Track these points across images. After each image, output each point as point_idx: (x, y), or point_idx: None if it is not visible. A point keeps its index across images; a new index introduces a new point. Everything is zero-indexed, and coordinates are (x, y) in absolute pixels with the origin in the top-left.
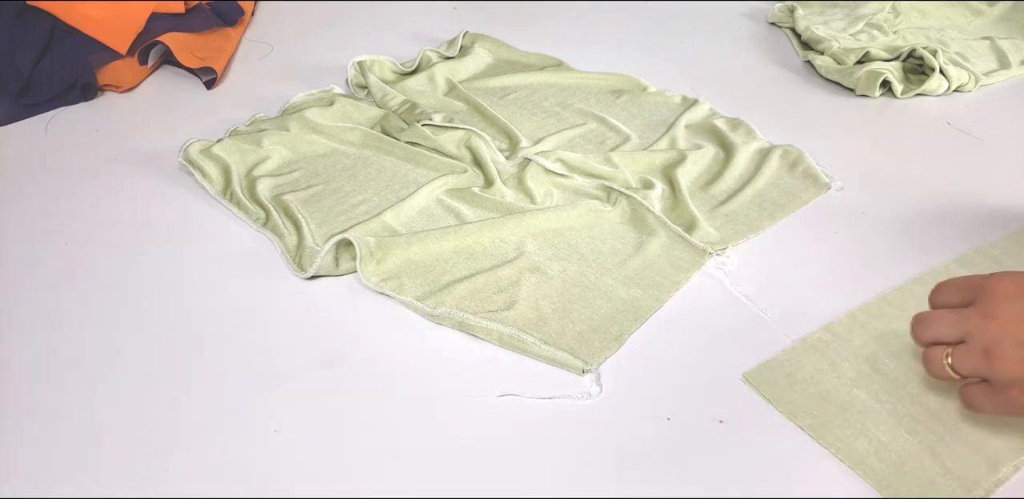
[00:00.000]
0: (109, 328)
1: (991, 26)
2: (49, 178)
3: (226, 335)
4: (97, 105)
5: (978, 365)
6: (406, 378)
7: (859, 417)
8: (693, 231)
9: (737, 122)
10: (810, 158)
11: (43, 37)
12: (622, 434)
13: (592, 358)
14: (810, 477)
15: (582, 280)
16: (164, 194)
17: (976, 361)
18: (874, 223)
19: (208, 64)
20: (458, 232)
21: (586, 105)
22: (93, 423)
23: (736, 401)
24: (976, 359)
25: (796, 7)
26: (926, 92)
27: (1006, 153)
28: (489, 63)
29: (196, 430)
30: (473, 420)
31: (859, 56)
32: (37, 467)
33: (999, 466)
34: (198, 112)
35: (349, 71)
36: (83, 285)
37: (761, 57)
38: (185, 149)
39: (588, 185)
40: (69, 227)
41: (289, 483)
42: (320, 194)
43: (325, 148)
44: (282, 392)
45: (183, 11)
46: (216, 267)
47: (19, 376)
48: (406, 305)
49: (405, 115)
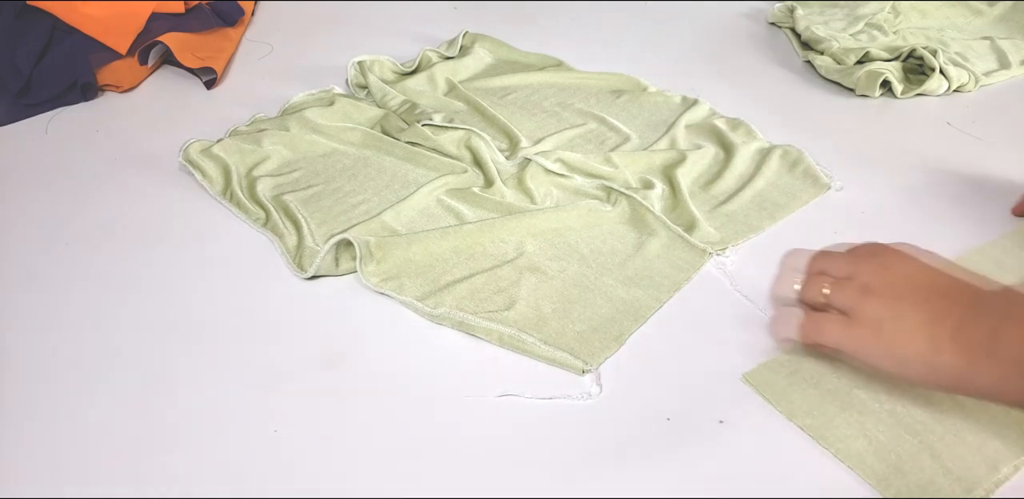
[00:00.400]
0: (109, 328)
1: (991, 26)
2: (49, 178)
3: (226, 335)
4: (97, 105)
5: (852, 298)
6: (406, 378)
7: (859, 417)
8: (693, 231)
9: (737, 122)
10: (810, 158)
11: (43, 37)
12: (622, 434)
13: (592, 358)
14: (810, 477)
15: (582, 280)
16: (164, 194)
17: (852, 295)
18: (874, 223)
19: (208, 64)
20: (458, 232)
21: (586, 105)
22: (93, 423)
23: (736, 401)
24: (854, 293)
25: (796, 7)
26: (926, 92)
27: (1006, 153)
28: (489, 63)
29: (196, 430)
30: (473, 420)
31: (859, 56)
32: (37, 467)
33: (999, 466)
34: (198, 112)
35: (349, 71)
36: (83, 285)
37: (761, 57)
38: (185, 149)
39: (588, 185)
40: (69, 227)
41: (289, 483)
42: (320, 194)
43: (325, 148)
44: (282, 392)
45: (183, 11)
46: (216, 267)
47: (19, 376)
48: (406, 305)
49: (405, 115)
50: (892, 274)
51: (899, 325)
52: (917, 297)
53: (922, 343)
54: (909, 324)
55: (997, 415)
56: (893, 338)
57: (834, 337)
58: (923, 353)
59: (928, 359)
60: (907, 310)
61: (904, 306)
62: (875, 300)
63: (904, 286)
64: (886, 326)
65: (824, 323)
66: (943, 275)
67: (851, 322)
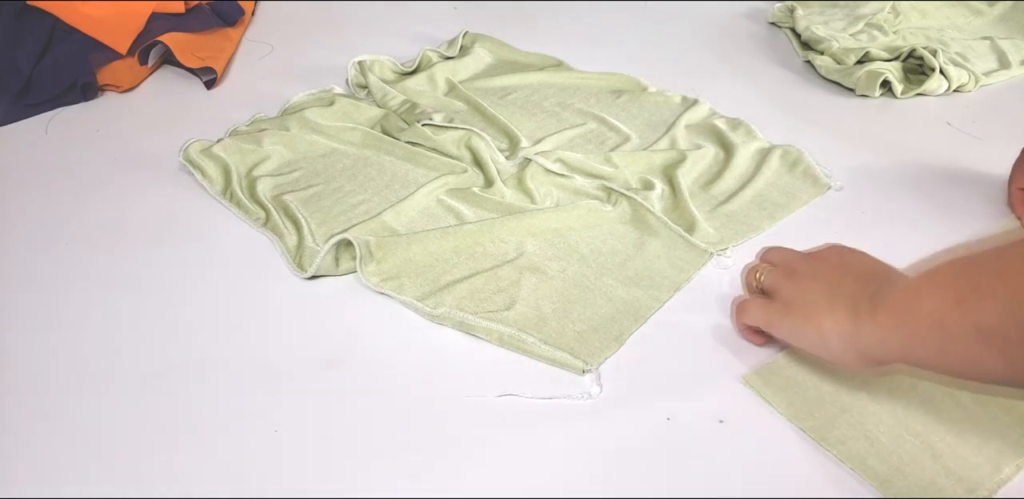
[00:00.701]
0: (109, 328)
1: (991, 26)
2: (49, 178)
3: (226, 335)
4: (97, 105)
5: (777, 280)
6: (406, 378)
7: (860, 418)
8: (693, 231)
9: (737, 122)
10: (810, 158)
11: (43, 37)
12: (622, 434)
13: (592, 358)
14: (810, 478)
15: (582, 280)
16: (164, 194)
17: (778, 278)
18: (874, 223)
19: (208, 64)
20: (458, 232)
21: (586, 105)
22: (93, 423)
23: (736, 401)
24: (779, 276)
25: (796, 7)
26: (926, 92)
27: (1006, 153)
28: (489, 63)
29: (196, 430)
30: (473, 420)
31: (859, 56)
32: (37, 467)
33: (1001, 467)
34: (198, 112)
35: (349, 71)
36: (83, 285)
37: (761, 57)
38: (185, 149)
39: (588, 185)
40: (69, 227)
41: (289, 483)
42: (320, 194)
43: (325, 148)
44: (282, 392)
45: (183, 11)
46: (216, 267)
47: (19, 376)
48: (406, 305)
49: (405, 115)
50: (817, 260)
51: (806, 300)
52: (829, 276)
53: (821, 314)
54: (812, 297)
55: (998, 415)
56: (801, 312)
57: (754, 317)
58: (819, 323)
59: (820, 325)
60: (814, 287)
61: (814, 284)
62: (794, 281)
63: (823, 269)
64: (796, 303)
65: (748, 305)
66: (860, 258)
67: (769, 302)
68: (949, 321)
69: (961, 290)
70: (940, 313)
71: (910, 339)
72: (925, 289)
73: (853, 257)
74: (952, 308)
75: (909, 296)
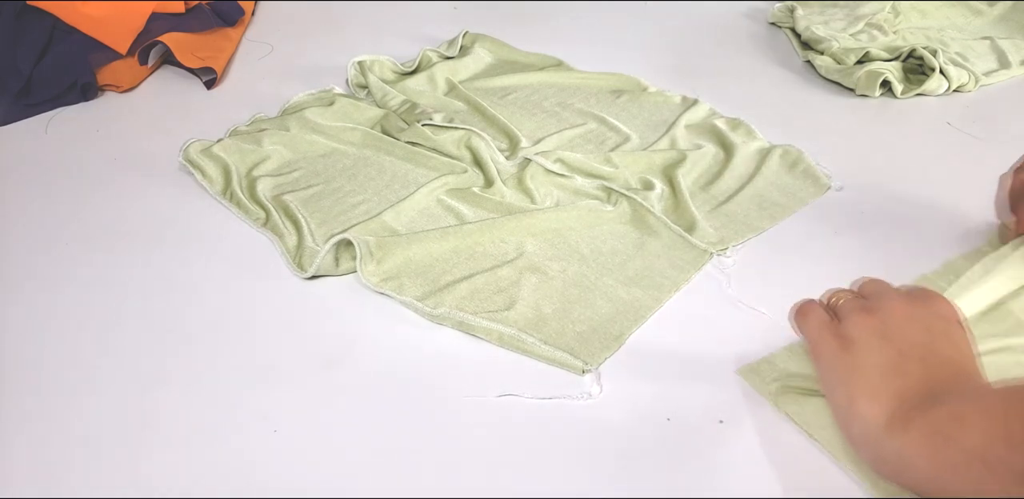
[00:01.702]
0: (109, 328)
1: (991, 26)
2: (49, 178)
3: (226, 335)
4: (97, 105)
5: (851, 313)
6: (406, 378)
7: None
8: (693, 231)
9: (737, 122)
10: (810, 158)
11: (43, 37)
12: (622, 434)
13: (592, 358)
14: (810, 477)
15: (582, 280)
16: (164, 194)
17: (854, 308)
18: (874, 223)
19: (208, 64)
20: (458, 232)
21: (586, 105)
22: (93, 423)
23: (736, 401)
24: (856, 308)
25: (796, 7)
26: (926, 92)
27: (1006, 153)
28: (489, 63)
29: (195, 430)
30: (473, 420)
31: (859, 56)
32: (37, 467)
33: None
34: (198, 112)
35: (349, 71)
36: (83, 285)
37: (761, 57)
38: (185, 149)
39: (588, 185)
40: (69, 227)
41: (288, 483)
42: (320, 194)
43: (325, 148)
44: (281, 392)
45: (183, 11)
46: (216, 267)
47: (19, 376)
48: (406, 305)
49: (405, 115)
50: (905, 319)
51: (862, 357)
52: (902, 346)
53: (862, 388)
54: (870, 360)
55: None
56: (846, 368)
57: (808, 329)
58: (855, 397)
59: (854, 401)
60: (881, 348)
61: (882, 344)
62: (864, 322)
63: (904, 334)
64: (851, 348)
65: (812, 314)
66: (948, 342)
67: (831, 326)
68: (992, 457)
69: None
70: (982, 449)
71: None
72: (971, 416)
73: (943, 338)
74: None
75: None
